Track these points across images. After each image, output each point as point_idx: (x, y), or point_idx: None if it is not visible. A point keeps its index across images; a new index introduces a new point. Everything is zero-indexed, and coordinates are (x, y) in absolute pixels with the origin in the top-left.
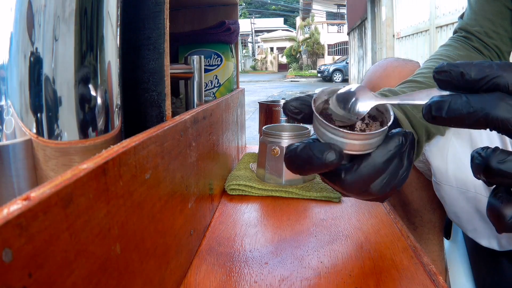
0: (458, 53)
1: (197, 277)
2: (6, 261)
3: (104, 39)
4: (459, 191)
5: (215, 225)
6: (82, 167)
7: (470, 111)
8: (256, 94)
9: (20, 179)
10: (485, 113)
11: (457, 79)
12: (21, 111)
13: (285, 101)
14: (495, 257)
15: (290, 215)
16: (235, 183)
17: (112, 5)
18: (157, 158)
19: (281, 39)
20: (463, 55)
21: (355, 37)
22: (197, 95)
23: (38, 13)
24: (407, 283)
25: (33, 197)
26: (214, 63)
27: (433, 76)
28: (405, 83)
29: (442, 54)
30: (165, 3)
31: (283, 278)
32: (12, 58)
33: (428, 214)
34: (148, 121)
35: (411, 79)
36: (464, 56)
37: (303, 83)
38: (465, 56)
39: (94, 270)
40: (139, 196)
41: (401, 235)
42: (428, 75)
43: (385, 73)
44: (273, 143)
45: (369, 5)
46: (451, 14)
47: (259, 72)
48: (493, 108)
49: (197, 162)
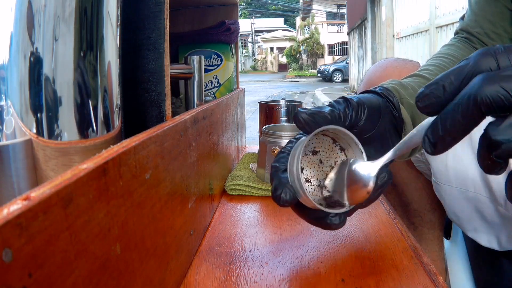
0: (461, 53)
1: (197, 277)
2: (6, 261)
3: (104, 39)
4: (459, 191)
5: (215, 225)
6: (82, 167)
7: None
8: (256, 94)
9: (20, 179)
10: (473, 100)
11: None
12: (21, 111)
13: (298, 110)
14: (495, 257)
15: (290, 215)
16: (235, 183)
17: (112, 5)
18: (157, 158)
19: (281, 39)
20: (466, 55)
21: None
22: (197, 95)
23: (38, 13)
24: (407, 283)
25: (33, 197)
26: (214, 63)
27: (417, 106)
28: (412, 76)
29: (445, 52)
30: (165, 3)
31: (283, 278)
32: (12, 58)
33: (428, 214)
34: (148, 121)
35: (418, 73)
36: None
37: (303, 83)
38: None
39: (94, 270)
40: (139, 196)
41: (401, 235)
42: (434, 72)
43: (385, 73)
44: (273, 143)
45: (369, 5)
46: (451, 14)
47: (259, 72)
48: (478, 89)
49: (197, 162)
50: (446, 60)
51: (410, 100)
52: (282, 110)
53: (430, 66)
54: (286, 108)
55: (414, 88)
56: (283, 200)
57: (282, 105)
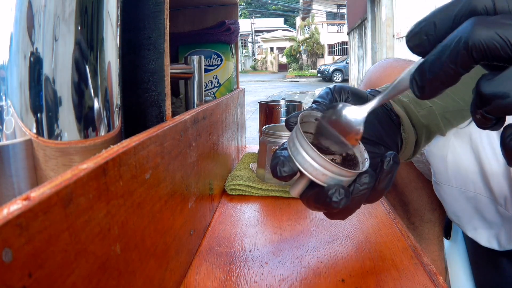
0: None
1: (197, 277)
2: (6, 261)
3: (104, 39)
4: (459, 191)
5: (215, 225)
6: (82, 167)
7: (449, 53)
8: (256, 94)
9: (20, 179)
10: (464, 44)
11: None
12: (21, 111)
13: (286, 118)
14: (495, 257)
15: (290, 215)
16: (235, 183)
17: (112, 5)
18: (157, 158)
19: (281, 39)
20: None
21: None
22: (197, 95)
23: (38, 13)
24: (407, 283)
25: (33, 197)
26: (214, 63)
27: (408, 46)
28: None
29: None
30: (165, 3)
31: (283, 278)
32: (12, 58)
33: (428, 214)
34: (148, 121)
35: None
36: None
37: (303, 83)
38: None
39: (94, 270)
40: (139, 196)
41: (401, 235)
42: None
43: (385, 73)
44: (273, 143)
45: (369, 5)
46: None
47: (259, 72)
48: (471, 32)
49: (197, 162)
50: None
51: (402, 98)
52: (282, 110)
53: None
54: (286, 108)
55: None
56: (280, 170)
57: (282, 105)
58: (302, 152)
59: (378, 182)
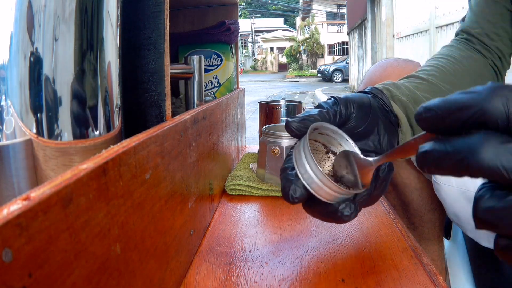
0: (460, 54)
1: (197, 277)
2: (6, 261)
3: (104, 39)
4: (459, 191)
5: (215, 225)
6: (82, 167)
7: (451, 161)
8: (256, 94)
9: (20, 179)
10: (466, 162)
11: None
12: (21, 111)
13: (287, 120)
14: (495, 257)
15: (290, 215)
16: (235, 183)
17: (112, 5)
18: (157, 158)
19: (281, 39)
20: (465, 56)
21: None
22: (197, 95)
23: (38, 13)
24: (407, 283)
25: (33, 197)
26: (214, 63)
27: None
28: (408, 77)
29: (444, 53)
30: (165, 3)
31: (283, 278)
32: (12, 58)
33: (428, 214)
34: (148, 121)
35: (413, 74)
36: (466, 57)
37: (303, 83)
38: (467, 57)
39: (94, 270)
40: (139, 196)
41: (401, 235)
42: (431, 72)
43: (385, 73)
44: (273, 143)
45: (369, 5)
46: (451, 14)
47: (259, 72)
48: (474, 153)
49: (197, 162)
50: (444, 61)
51: (402, 97)
52: (282, 110)
53: (427, 67)
54: (286, 108)
55: (408, 87)
56: (292, 197)
57: (282, 105)
58: (313, 176)
59: (374, 189)
